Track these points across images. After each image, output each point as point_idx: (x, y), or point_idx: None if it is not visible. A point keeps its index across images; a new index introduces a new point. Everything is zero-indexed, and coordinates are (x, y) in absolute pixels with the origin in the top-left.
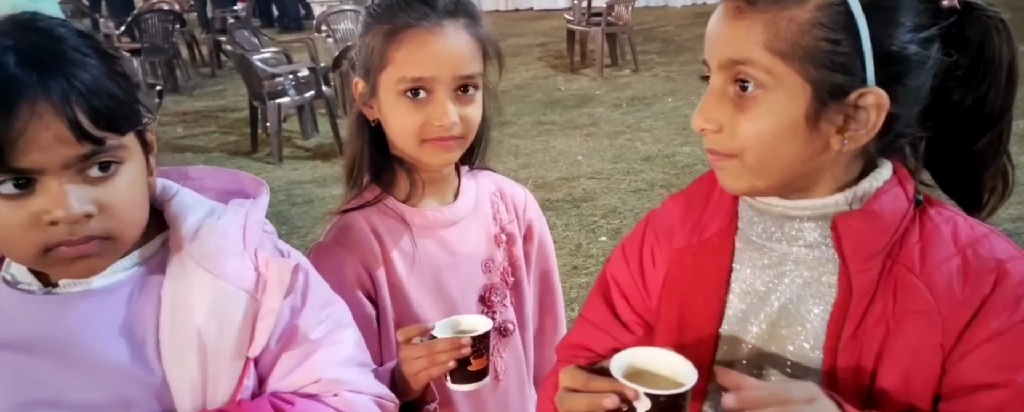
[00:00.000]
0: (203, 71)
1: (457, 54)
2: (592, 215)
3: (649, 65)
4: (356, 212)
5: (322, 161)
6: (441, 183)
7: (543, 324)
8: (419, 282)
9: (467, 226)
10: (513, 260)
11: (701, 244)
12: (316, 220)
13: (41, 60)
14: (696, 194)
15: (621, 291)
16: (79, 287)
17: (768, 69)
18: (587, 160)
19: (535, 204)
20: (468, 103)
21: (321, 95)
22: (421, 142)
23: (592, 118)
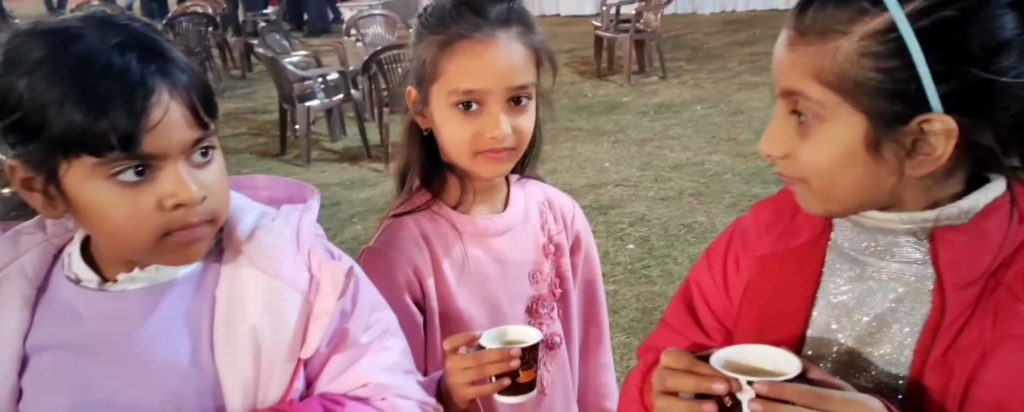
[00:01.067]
0: (234, 73)
1: (509, 65)
2: (619, 223)
3: (677, 72)
4: (407, 217)
5: (349, 164)
6: (491, 191)
7: (588, 335)
8: (467, 290)
9: (516, 235)
10: (561, 271)
11: (788, 252)
12: (343, 222)
13: (150, 52)
14: (786, 201)
15: (703, 296)
16: (138, 284)
17: (820, 101)
18: (614, 167)
19: (582, 215)
20: (521, 114)
21: (350, 98)
22: (474, 154)
23: (619, 125)
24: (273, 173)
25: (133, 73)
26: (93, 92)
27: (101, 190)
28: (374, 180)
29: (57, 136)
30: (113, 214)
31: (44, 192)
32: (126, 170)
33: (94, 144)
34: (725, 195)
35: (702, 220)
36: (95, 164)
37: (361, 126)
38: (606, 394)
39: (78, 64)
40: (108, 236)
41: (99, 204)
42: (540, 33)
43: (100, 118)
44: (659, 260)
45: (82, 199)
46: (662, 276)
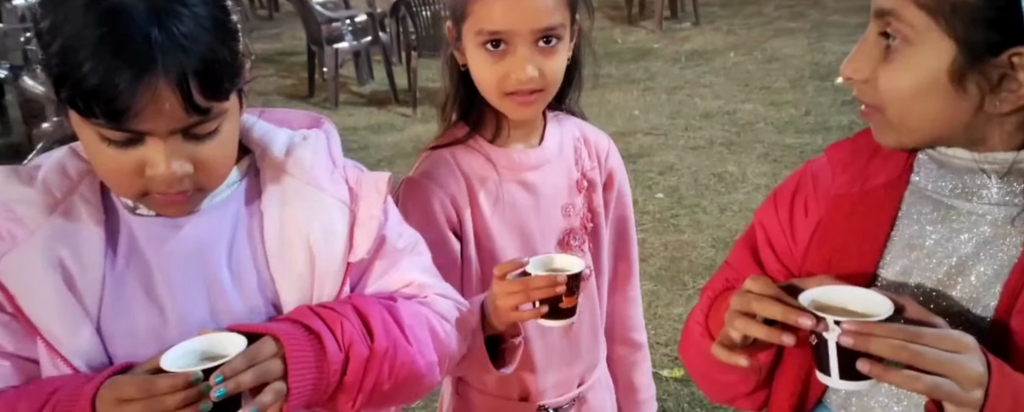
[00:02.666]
0: (260, 14)
1: (536, 6)
2: (648, 171)
3: (710, 18)
4: (445, 149)
5: (377, 108)
6: (528, 126)
7: (617, 270)
8: (502, 221)
9: (550, 170)
10: (592, 206)
11: (864, 193)
12: (371, 166)
13: (165, 26)
14: (865, 142)
15: (767, 238)
16: (208, 202)
17: (912, 23)
18: (644, 115)
19: (617, 152)
20: (550, 55)
21: (378, 41)
22: (502, 95)
23: (649, 72)
24: None
25: (136, 47)
26: (94, 54)
27: (91, 139)
28: (401, 124)
29: (54, 77)
30: (100, 163)
31: (82, 135)
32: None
33: (82, 107)
34: (757, 145)
35: (733, 170)
36: (79, 120)
37: (389, 70)
38: (633, 326)
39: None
40: (102, 175)
41: (90, 150)
42: None
43: (92, 85)
44: (688, 209)
45: (85, 145)
46: (691, 226)
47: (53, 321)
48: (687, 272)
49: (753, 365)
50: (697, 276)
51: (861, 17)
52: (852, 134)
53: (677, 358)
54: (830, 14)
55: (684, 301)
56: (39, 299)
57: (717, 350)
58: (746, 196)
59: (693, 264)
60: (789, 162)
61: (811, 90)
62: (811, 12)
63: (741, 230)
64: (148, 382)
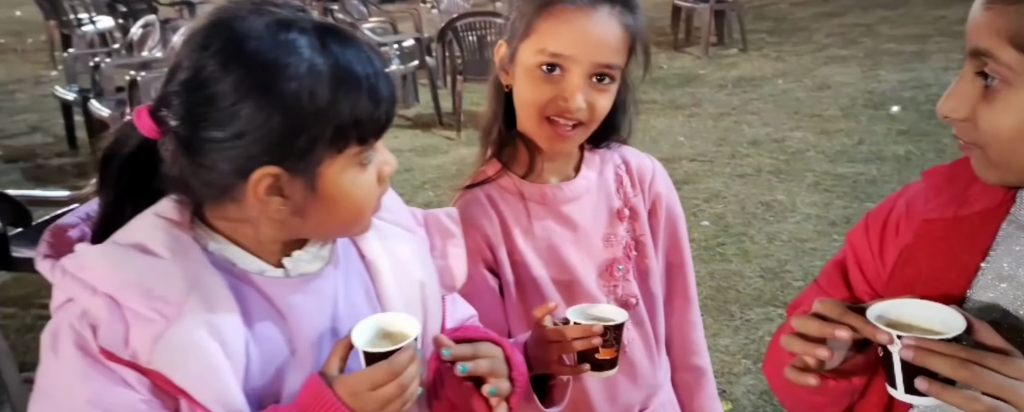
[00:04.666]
0: None
1: (603, 40)
2: (694, 199)
3: (758, 44)
4: (478, 188)
5: (421, 131)
6: (561, 158)
7: (673, 295)
8: (538, 256)
9: (588, 201)
10: (637, 235)
11: (958, 219)
12: (416, 188)
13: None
14: (962, 168)
15: (857, 259)
16: (303, 268)
17: (1010, 65)
18: (689, 142)
19: (664, 176)
20: (600, 92)
21: (424, 65)
22: (542, 119)
23: (695, 98)
24: None
25: (379, 65)
26: (371, 85)
27: (352, 175)
28: (445, 147)
29: (340, 130)
30: (359, 194)
31: (288, 195)
32: (365, 153)
33: (374, 131)
34: (807, 173)
35: (781, 198)
36: (357, 152)
37: (434, 93)
38: (695, 350)
39: (347, 63)
40: (348, 216)
41: (350, 187)
42: (642, 19)
43: (379, 107)
44: (735, 238)
45: (337, 188)
46: (737, 254)
47: (215, 397)
48: (734, 302)
49: (845, 388)
50: (745, 306)
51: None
52: (908, 164)
53: (725, 391)
54: (884, 42)
55: (731, 332)
56: (201, 376)
57: (789, 372)
58: (795, 226)
59: (740, 294)
60: (841, 192)
61: (865, 119)
62: (864, 39)
63: (790, 260)
64: (389, 364)
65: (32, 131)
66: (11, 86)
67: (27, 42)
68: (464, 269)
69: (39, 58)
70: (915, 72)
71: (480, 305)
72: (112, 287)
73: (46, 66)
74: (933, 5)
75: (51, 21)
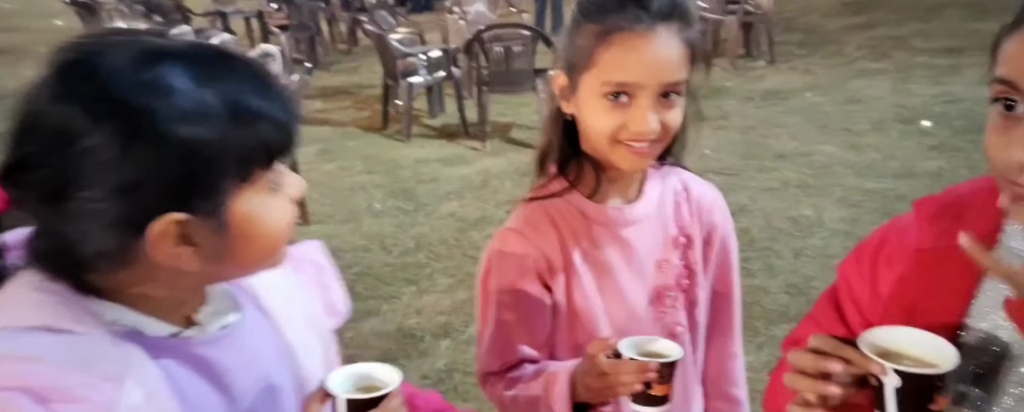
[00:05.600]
0: (341, 47)
1: (666, 61)
2: None
3: (787, 57)
4: (540, 202)
5: (447, 141)
6: (625, 180)
7: (717, 325)
8: (593, 277)
9: (647, 225)
10: (689, 263)
11: (950, 249)
12: (441, 198)
13: None
14: (954, 198)
15: (850, 292)
16: (219, 321)
17: None
18: (715, 154)
19: (723, 206)
20: (669, 108)
21: (450, 76)
22: (614, 143)
23: (722, 111)
24: (375, 147)
25: (268, 80)
26: (265, 106)
27: (263, 202)
28: (471, 158)
29: (244, 159)
30: (274, 221)
31: (198, 241)
32: (272, 176)
33: (281, 151)
34: (835, 188)
35: (809, 214)
36: (264, 177)
37: (460, 104)
38: (733, 381)
39: (234, 89)
40: (267, 248)
41: (264, 216)
42: (698, 28)
43: (281, 127)
44: (760, 253)
45: (250, 221)
46: (763, 270)
47: None
48: (759, 318)
49: None
50: (770, 323)
51: (950, 59)
52: (941, 180)
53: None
54: (917, 55)
55: (755, 349)
56: None
57: (792, 410)
58: (822, 241)
59: (766, 310)
60: (870, 208)
61: (895, 134)
62: (896, 53)
63: (817, 277)
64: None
65: None
66: None
67: None
68: (343, 297)
69: None
70: (948, 86)
71: (530, 322)
72: (25, 381)
73: None
74: (968, 18)
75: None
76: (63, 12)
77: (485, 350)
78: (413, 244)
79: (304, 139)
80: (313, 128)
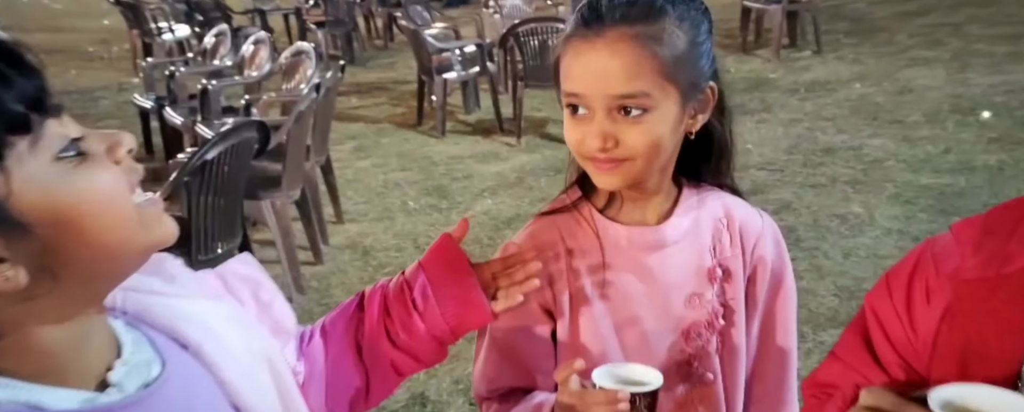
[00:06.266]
0: (376, 43)
1: (614, 70)
2: (763, 209)
3: (834, 46)
4: (549, 218)
5: (482, 137)
6: (647, 198)
7: (762, 375)
8: (607, 307)
9: (675, 254)
10: (727, 299)
11: (1001, 278)
12: (475, 196)
13: None
14: (998, 221)
15: (881, 327)
16: (139, 378)
17: None
18: (758, 149)
19: (775, 238)
20: (630, 125)
21: (485, 71)
22: (583, 158)
23: (765, 103)
24: (409, 143)
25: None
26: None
27: (68, 177)
28: (505, 154)
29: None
30: (91, 197)
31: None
32: (46, 143)
33: (32, 107)
34: (887, 184)
35: (858, 211)
36: (28, 146)
37: (495, 99)
38: None
39: None
40: (111, 232)
41: (76, 195)
42: (677, 35)
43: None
44: (806, 253)
45: (61, 204)
46: (810, 271)
47: None
48: (805, 322)
49: None
50: (817, 328)
51: (1009, 46)
52: (1001, 175)
53: None
54: (974, 42)
55: (802, 355)
56: None
57: None
58: (874, 240)
59: (813, 314)
60: (925, 205)
61: (951, 126)
62: (951, 40)
63: (866, 278)
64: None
65: None
66: (97, 93)
67: (113, 50)
68: (289, 311)
69: (123, 66)
70: (1008, 75)
71: (525, 351)
72: None
73: (129, 74)
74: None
75: (134, 30)
76: (109, 12)
77: (478, 373)
78: None
79: (338, 136)
80: (348, 125)
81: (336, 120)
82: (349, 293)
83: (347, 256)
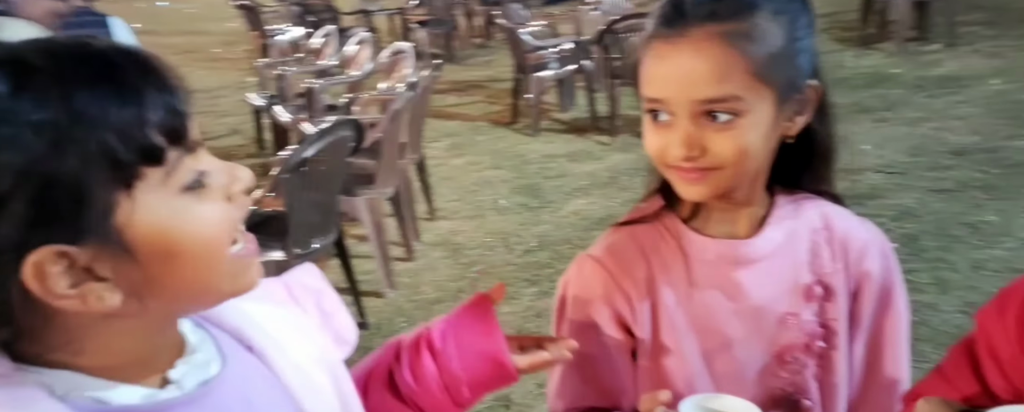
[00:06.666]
0: (476, 42)
1: (698, 72)
2: (879, 216)
3: (969, 38)
4: (629, 229)
5: (576, 135)
6: (734, 208)
7: (868, 403)
8: (692, 326)
9: (767, 269)
10: (827, 319)
11: None
12: (566, 196)
13: None
14: None
15: (990, 345)
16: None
17: None
18: (876, 150)
19: (883, 250)
20: (718, 131)
21: (582, 69)
22: (665, 166)
23: (886, 101)
24: (504, 141)
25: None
26: (113, 88)
27: (180, 208)
28: (599, 153)
29: (110, 159)
30: (197, 229)
31: (102, 275)
32: (179, 175)
33: (172, 139)
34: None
35: (992, 219)
36: (163, 177)
37: (590, 97)
38: None
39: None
40: (203, 266)
41: (182, 226)
42: (771, 31)
43: (143, 108)
44: (930, 264)
45: (166, 234)
46: (933, 284)
47: None
48: (926, 340)
49: None
50: (940, 346)
51: None
52: None
53: None
54: None
55: (922, 375)
56: None
57: None
58: (1009, 253)
59: (934, 331)
60: None
61: None
62: None
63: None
64: None
65: (231, 133)
66: (218, 91)
67: (237, 51)
68: (351, 323)
69: (244, 66)
70: None
71: (603, 370)
72: None
73: (249, 73)
74: None
75: (254, 32)
76: (237, 15)
77: (553, 391)
78: (536, 242)
79: (435, 134)
80: (444, 122)
81: (433, 118)
82: (439, 290)
83: (438, 253)
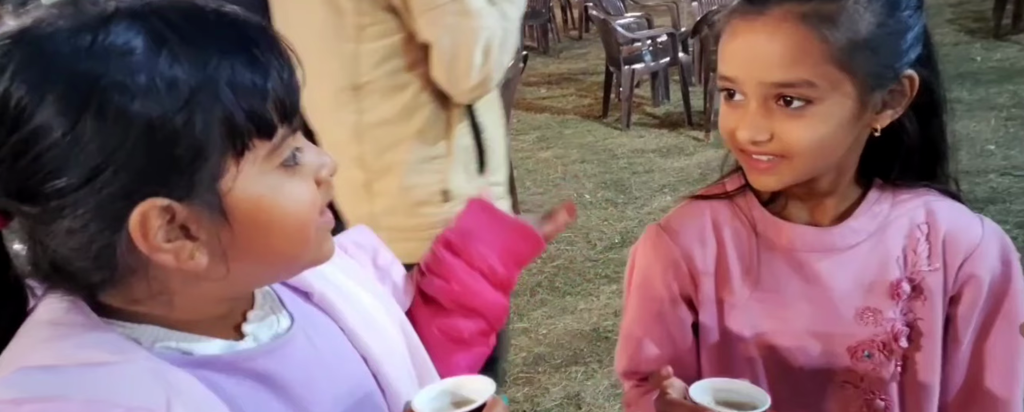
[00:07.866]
0: (572, 34)
1: (771, 54)
2: (1003, 223)
3: None
4: (705, 202)
5: (668, 130)
6: (818, 198)
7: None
8: (762, 307)
9: (848, 260)
10: (914, 319)
11: None
12: (653, 192)
13: None
14: None
15: None
16: (272, 329)
17: None
18: (1002, 151)
19: (1002, 255)
20: (788, 118)
21: (676, 62)
22: (737, 150)
23: (1017, 98)
24: (593, 135)
25: (248, 28)
26: (242, 59)
27: (273, 183)
28: (691, 149)
29: (228, 126)
30: (290, 205)
31: (195, 234)
32: (281, 151)
33: (281, 116)
34: None
35: None
36: (269, 151)
37: (685, 91)
38: None
39: (201, 41)
40: (287, 240)
41: (274, 199)
42: (861, 15)
43: (266, 80)
44: None
45: (256, 205)
46: None
47: None
48: None
49: None
50: None
51: None
52: None
53: None
54: None
55: None
56: None
57: None
58: None
59: None
60: None
61: None
62: None
63: None
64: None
65: None
66: None
67: None
68: (407, 278)
69: None
70: None
71: (660, 334)
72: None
73: None
74: None
75: None
76: None
77: (620, 347)
78: (619, 239)
79: (523, 126)
80: (532, 115)
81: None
82: (519, 281)
83: None
